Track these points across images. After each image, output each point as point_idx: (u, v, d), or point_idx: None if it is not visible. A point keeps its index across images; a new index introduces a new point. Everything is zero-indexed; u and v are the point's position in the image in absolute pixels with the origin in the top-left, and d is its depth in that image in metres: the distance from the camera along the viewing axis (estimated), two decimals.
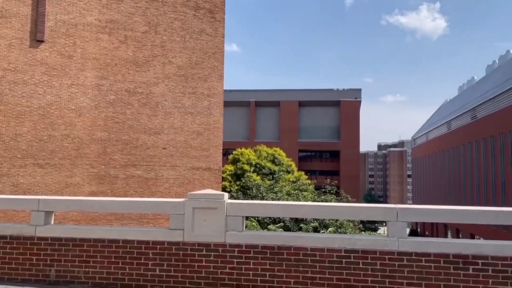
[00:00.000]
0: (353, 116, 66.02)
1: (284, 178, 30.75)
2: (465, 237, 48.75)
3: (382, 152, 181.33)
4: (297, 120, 66.68)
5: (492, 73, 61.56)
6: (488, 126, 43.76)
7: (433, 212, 5.26)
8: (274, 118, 67.90)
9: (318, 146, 67.19)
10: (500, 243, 4.92)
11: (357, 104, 66.63)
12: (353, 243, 5.18)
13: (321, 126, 67.57)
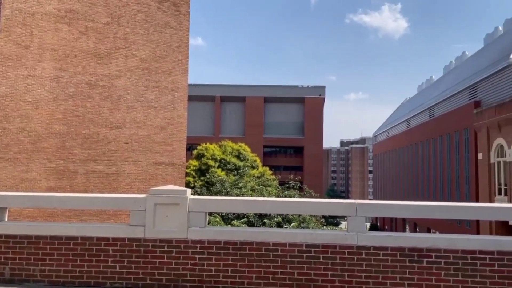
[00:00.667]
0: (317, 113, 67.06)
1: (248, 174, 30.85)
2: (422, 231, 50.67)
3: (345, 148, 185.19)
4: (262, 116, 66.99)
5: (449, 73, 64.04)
6: (445, 124, 45.54)
7: (390, 207, 5.44)
8: (240, 113, 67.93)
9: (283, 142, 67.85)
10: (452, 237, 5.14)
11: (321, 101, 67.68)
12: (314, 238, 5.27)
13: (286, 122, 68.23)
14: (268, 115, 68.06)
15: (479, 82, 40.87)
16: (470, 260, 5.01)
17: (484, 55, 48.99)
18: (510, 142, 27.93)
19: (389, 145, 72.37)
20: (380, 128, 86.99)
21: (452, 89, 48.03)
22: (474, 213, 5.45)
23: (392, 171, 69.37)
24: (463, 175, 40.27)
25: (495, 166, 30.52)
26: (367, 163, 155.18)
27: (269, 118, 68.10)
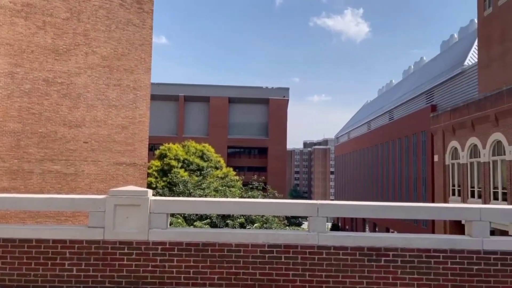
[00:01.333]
0: (281, 114, 67.63)
1: (212, 174, 30.68)
2: (381, 231, 52.12)
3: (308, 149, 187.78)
4: (226, 116, 66.84)
5: (407, 78, 66.23)
6: (403, 126, 47.07)
7: (350, 207, 5.56)
8: (204, 113, 67.47)
9: (247, 143, 67.96)
10: (408, 236, 5.32)
11: (285, 102, 68.30)
12: (276, 238, 5.31)
13: (250, 123, 68.39)
14: (232, 115, 67.99)
15: (436, 87, 42.54)
16: (425, 258, 5.20)
17: (440, 61, 51.02)
18: (464, 144, 29.22)
19: (351, 147, 74.03)
20: (342, 130, 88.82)
21: (411, 93, 49.73)
22: (428, 213, 5.67)
23: (353, 172, 70.98)
24: (420, 176, 41.76)
25: (450, 167, 31.83)
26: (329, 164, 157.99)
27: (234, 119, 68.06)
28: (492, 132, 25.41)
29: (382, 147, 55.00)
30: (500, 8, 31.00)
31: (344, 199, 75.75)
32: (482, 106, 26.48)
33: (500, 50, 30.63)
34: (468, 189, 28.79)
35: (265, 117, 68.47)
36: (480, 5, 33.98)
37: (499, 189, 25.00)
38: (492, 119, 25.02)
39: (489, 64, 32.00)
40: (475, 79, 34.62)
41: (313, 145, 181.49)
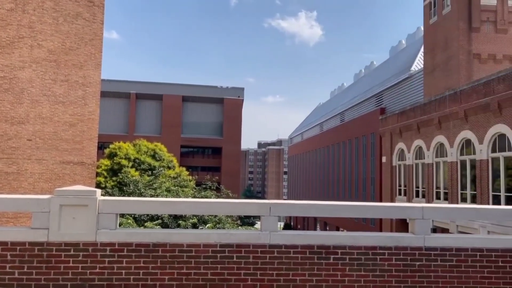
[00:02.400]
0: (236, 114, 67.67)
1: (164, 174, 30.16)
2: (332, 230, 53.43)
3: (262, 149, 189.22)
4: (180, 115, 65.95)
5: (358, 81, 68.38)
6: (354, 128, 48.54)
7: (301, 207, 5.67)
8: (156, 111, 66.19)
9: (201, 142, 67.40)
10: (356, 234, 5.50)
11: (239, 102, 68.40)
12: (228, 238, 5.32)
13: (204, 122, 67.89)
14: (186, 114, 67.19)
15: (385, 91, 44.22)
16: (371, 256, 5.40)
17: (389, 66, 53.09)
18: (410, 146, 30.57)
19: (304, 147, 75.37)
20: (295, 130, 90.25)
21: (361, 96, 51.37)
22: (375, 212, 5.88)
23: (306, 172, 72.31)
24: (369, 177, 43.24)
25: (397, 168, 33.18)
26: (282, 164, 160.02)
27: (187, 118, 67.28)
28: (435, 135, 26.76)
29: (334, 148, 56.43)
30: (444, 17, 32.73)
31: (296, 199, 76.99)
32: (426, 110, 27.82)
33: (444, 57, 32.34)
34: (413, 189, 30.15)
35: (220, 116, 68.25)
36: (426, 14, 35.70)
37: (441, 189, 26.37)
38: (436, 123, 26.35)
39: (433, 70, 33.69)
40: (421, 84, 36.32)
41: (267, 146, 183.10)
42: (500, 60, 30.44)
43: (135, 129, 63.83)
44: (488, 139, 21.56)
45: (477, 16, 30.61)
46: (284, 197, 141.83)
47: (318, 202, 5.70)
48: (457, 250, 5.50)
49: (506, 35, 30.87)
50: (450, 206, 5.99)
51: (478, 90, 22.29)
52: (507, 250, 5.50)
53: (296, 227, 72.99)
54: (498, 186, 21.10)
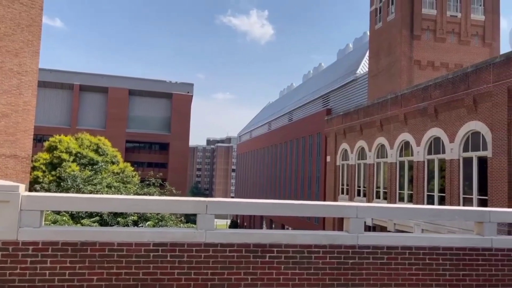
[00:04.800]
0: (185, 110, 66.68)
1: (107, 170, 29.10)
2: (277, 228, 54.10)
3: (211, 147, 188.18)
4: (126, 109, 63.97)
5: (307, 82, 69.72)
6: (301, 128, 49.42)
7: (238, 204, 5.61)
8: (101, 104, 63.76)
9: (148, 137, 65.77)
10: (292, 233, 5.53)
11: (189, 98, 67.49)
12: (163, 236, 5.16)
13: (151, 117, 66.31)
14: (132, 108, 65.28)
15: (331, 92, 45.36)
16: (306, 254, 5.45)
17: (336, 68, 54.54)
18: (353, 147, 31.55)
19: (252, 145, 75.76)
20: (244, 128, 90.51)
21: (309, 96, 52.40)
22: (313, 211, 5.96)
23: (254, 170, 72.74)
24: (315, 176, 44.21)
25: (340, 168, 34.16)
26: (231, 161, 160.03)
27: (134, 112, 65.40)
28: (377, 136, 27.80)
29: (281, 147, 57.16)
30: (389, 23, 34.07)
31: (244, 196, 77.29)
32: (369, 112, 28.83)
33: (387, 62, 33.67)
34: (355, 188, 31.17)
35: (168, 111, 66.95)
36: (372, 19, 36.99)
37: (381, 189, 27.46)
38: (378, 125, 27.38)
39: (377, 73, 34.99)
40: (366, 87, 37.61)
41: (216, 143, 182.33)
42: (438, 67, 32.16)
43: (78, 122, 61.15)
44: (425, 142, 22.69)
45: (419, 24, 32.14)
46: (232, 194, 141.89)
47: (256, 200, 5.67)
48: (388, 248, 5.67)
49: (444, 44, 32.65)
50: (382, 206, 6.19)
51: (417, 95, 23.39)
52: (434, 248, 5.75)
53: (242, 225, 73.29)
54: (432, 186, 22.27)
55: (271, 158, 61.71)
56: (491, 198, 17.81)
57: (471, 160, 19.49)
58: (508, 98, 17.23)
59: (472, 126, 19.36)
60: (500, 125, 17.56)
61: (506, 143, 17.23)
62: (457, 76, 20.42)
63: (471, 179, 19.45)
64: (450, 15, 32.87)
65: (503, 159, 17.29)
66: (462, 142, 20.07)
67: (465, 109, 19.65)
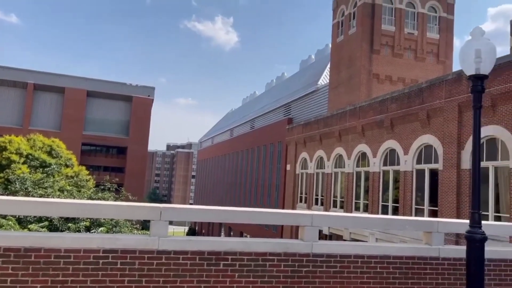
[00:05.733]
0: (145, 114, 65.47)
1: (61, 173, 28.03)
2: (236, 235, 53.89)
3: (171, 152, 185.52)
4: (83, 111, 61.99)
5: (270, 91, 70.33)
6: (263, 136, 49.67)
7: (194, 211, 5.53)
8: (57, 105, 61.47)
9: (105, 141, 63.98)
10: (247, 240, 5.50)
11: (149, 102, 66.36)
12: (113, 243, 5.00)
13: (110, 120, 64.61)
14: (90, 110, 63.34)
15: (293, 102, 45.96)
16: (261, 262, 5.43)
17: (298, 78, 55.38)
18: (312, 156, 32.03)
19: (213, 152, 75.34)
20: (206, 134, 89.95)
21: (271, 105, 52.83)
22: (268, 219, 5.96)
23: (215, 177, 72.28)
24: (274, 184, 44.46)
25: (299, 177, 34.56)
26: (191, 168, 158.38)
27: (91, 114, 63.47)
28: (335, 146, 28.37)
29: (243, 154, 57.19)
30: (350, 37, 35.02)
31: (204, 203, 76.55)
32: (329, 123, 29.41)
33: (347, 74, 34.55)
34: (313, 197, 31.60)
35: (127, 115, 65.44)
36: (334, 32, 37.90)
37: (338, 198, 27.99)
38: (337, 135, 27.96)
39: (338, 85, 35.81)
40: (326, 98, 38.36)
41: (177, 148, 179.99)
42: (395, 81, 33.33)
43: (31, 123, 58.62)
44: (381, 153, 23.37)
45: (378, 39, 33.24)
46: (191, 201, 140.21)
47: (212, 207, 5.61)
48: (341, 256, 5.76)
49: (402, 59, 33.92)
50: (336, 215, 6.28)
51: (374, 108, 24.10)
52: (385, 256, 5.89)
53: (200, 233, 72.50)
54: (387, 197, 22.94)
55: (232, 165, 61.58)
56: (441, 209, 18.54)
57: (424, 172, 20.25)
58: (458, 113, 18.07)
59: (425, 139, 20.14)
60: (451, 140, 18.37)
61: (455, 157, 18.03)
62: (412, 91, 21.22)
63: (423, 190, 20.19)
64: (407, 32, 34.21)
65: (453, 172, 18.07)
66: (415, 154, 20.82)
67: (419, 123, 20.42)
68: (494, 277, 6.31)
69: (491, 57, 5.77)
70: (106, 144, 64.94)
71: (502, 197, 16.17)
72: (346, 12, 36.01)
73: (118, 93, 64.57)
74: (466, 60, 5.82)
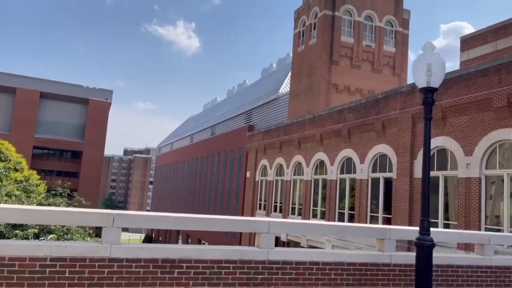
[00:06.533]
0: (102, 117, 63.69)
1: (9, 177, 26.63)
2: (193, 242, 53.22)
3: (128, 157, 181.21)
4: (36, 112, 59.45)
5: (231, 97, 70.39)
6: (223, 142, 49.54)
7: (148, 218, 5.41)
8: (7, 106, 58.63)
9: (59, 144, 61.60)
10: (203, 248, 5.44)
11: (107, 105, 64.65)
12: (62, 251, 4.79)
13: (64, 123, 62.32)
14: (43, 112, 60.84)
15: (254, 109, 46.19)
16: (216, 269, 5.37)
17: (260, 86, 55.78)
18: (272, 163, 32.25)
19: (172, 158, 74.25)
20: (165, 140, 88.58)
21: (232, 111, 52.85)
22: (224, 225, 5.91)
23: (173, 183, 71.19)
24: (234, 190, 44.37)
25: (259, 184, 34.66)
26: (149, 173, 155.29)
27: (45, 116, 60.98)
28: (295, 154, 28.71)
29: (203, 161, 56.72)
30: (311, 47, 35.71)
31: (161, 210, 75.14)
32: (289, 131, 29.75)
33: (307, 84, 35.16)
34: (272, 204, 31.77)
35: (83, 118, 63.38)
36: (295, 42, 38.52)
37: (297, 205, 28.28)
38: (296, 143, 28.32)
39: (298, 94, 36.35)
40: (287, 106, 38.83)
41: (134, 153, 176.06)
42: (353, 92, 34.25)
43: None
44: (338, 162, 23.87)
45: (337, 50, 34.09)
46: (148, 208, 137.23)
47: (167, 214, 5.50)
48: (297, 263, 5.80)
49: (360, 71, 34.93)
50: (293, 222, 6.33)
51: (333, 117, 24.63)
52: (339, 263, 5.99)
53: (157, 240, 71.04)
54: (343, 204, 23.42)
55: (192, 171, 60.92)
56: (395, 216, 19.13)
57: (378, 181, 20.85)
58: (412, 124, 18.78)
59: (380, 149, 20.76)
60: (404, 149, 19.04)
61: (408, 166, 18.69)
62: (369, 102, 21.86)
63: (378, 198, 20.77)
64: (365, 44, 35.30)
65: (406, 180, 18.72)
66: (371, 163, 21.41)
67: (375, 133, 21.05)
68: (442, 283, 6.56)
69: (441, 71, 6.04)
70: (60, 148, 62.53)
71: (451, 205, 16.91)
72: (307, 23, 36.73)
73: (74, 95, 62.48)
74: (418, 73, 6.06)
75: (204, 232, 45.89)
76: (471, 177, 15.63)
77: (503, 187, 14.73)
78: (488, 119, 15.27)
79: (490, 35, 21.43)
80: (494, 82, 14.92)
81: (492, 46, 21.16)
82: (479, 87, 15.50)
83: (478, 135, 15.57)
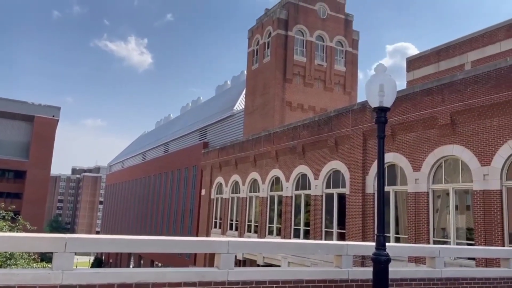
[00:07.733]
0: (48, 135, 60.99)
1: None
2: (146, 265, 51.58)
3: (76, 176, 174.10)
4: None
5: (185, 114, 69.81)
6: (177, 160, 48.82)
7: (103, 241, 5.19)
8: None
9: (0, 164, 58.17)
10: (160, 270, 5.27)
11: (54, 122, 62.06)
12: (9, 279, 4.48)
13: (6, 141, 59.08)
14: None
15: (209, 126, 46.04)
16: None
17: (214, 103, 55.76)
18: (227, 181, 32.10)
19: (124, 176, 72.10)
20: (116, 158, 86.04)
21: (186, 129, 52.37)
22: (184, 247, 5.77)
23: (125, 203, 68.99)
24: (189, 209, 43.64)
25: (214, 201, 34.33)
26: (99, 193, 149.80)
27: None
28: (251, 171, 28.77)
29: (156, 179, 55.52)
30: (265, 65, 36.28)
31: (112, 231, 72.42)
32: (244, 148, 29.82)
33: (262, 101, 35.58)
34: (228, 222, 31.51)
35: (28, 136, 60.41)
36: (249, 60, 39.01)
37: (252, 222, 28.22)
38: (252, 160, 28.40)
39: (253, 111, 36.67)
40: (242, 123, 39.02)
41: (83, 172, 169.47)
42: (307, 109, 35.01)
43: None
44: (293, 178, 24.16)
45: (291, 69, 34.86)
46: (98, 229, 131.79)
47: (123, 236, 5.30)
48: (256, 283, 5.75)
49: (312, 89, 35.83)
50: (253, 241, 6.30)
51: (287, 134, 24.99)
52: (298, 281, 6.00)
53: (107, 262, 68.22)
54: (299, 220, 23.63)
55: (144, 190, 59.37)
56: (348, 231, 19.53)
57: (332, 196, 21.27)
58: (363, 141, 19.41)
59: (333, 165, 21.25)
60: (356, 165, 19.60)
61: (361, 181, 19.24)
62: (322, 119, 22.41)
63: (332, 213, 21.16)
64: (317, 63, 36.35)
65: (358, 196, 19.23)
66: (325, 179, 21.83)
67: (328, 149, 21.54)
68: None
69: (393, 92, 6.31)
70: (1, 168, 59.05)
71: (401, 219, 17.52)
72: (261, 42, 37.36)
73: (18, 112, 59.52)
74: (371, 94, 6.29)
75: (157, 253, 44.57)
76: (419, 191, 16.30)
77: (449, 201, 15.48)
78: (434, 136, 16.08)
79: (433, 57, 22.75)
80: (438, 101, 15.78)
81: (435, 67, 22.45)
82: (425, 106, 16.33)
83: (425, 151, 16.33)
